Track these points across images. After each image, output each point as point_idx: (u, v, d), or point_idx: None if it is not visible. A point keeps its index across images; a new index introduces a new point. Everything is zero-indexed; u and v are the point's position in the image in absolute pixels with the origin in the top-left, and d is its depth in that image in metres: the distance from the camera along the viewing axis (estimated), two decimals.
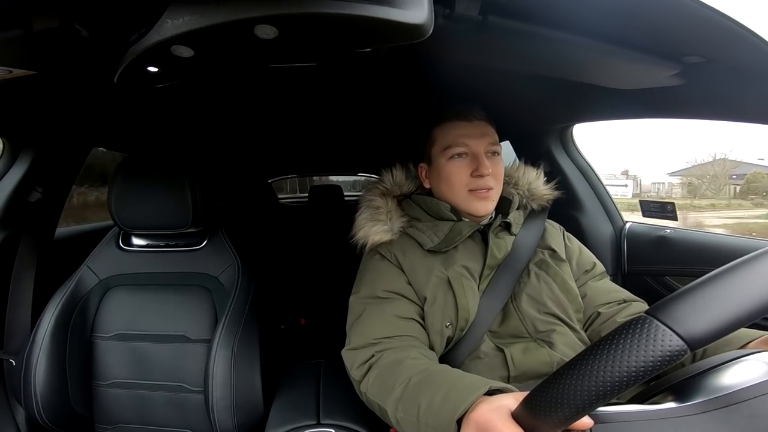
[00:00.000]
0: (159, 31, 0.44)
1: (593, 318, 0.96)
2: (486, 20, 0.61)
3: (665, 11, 0.57)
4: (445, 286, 0.89)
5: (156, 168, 1.14)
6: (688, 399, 0.51)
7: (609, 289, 0.99)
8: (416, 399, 0.67)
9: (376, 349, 0.82)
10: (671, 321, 0.41)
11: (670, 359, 0.40)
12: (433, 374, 0.71)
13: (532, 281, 0.93)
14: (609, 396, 0.41)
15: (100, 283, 1.20)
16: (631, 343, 0.41)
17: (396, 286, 0.91)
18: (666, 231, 1.41)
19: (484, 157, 0.94)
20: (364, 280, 0.96)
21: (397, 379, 0.73)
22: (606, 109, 1.20)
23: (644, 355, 0.40)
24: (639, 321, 0.42)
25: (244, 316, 1.11)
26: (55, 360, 1.09)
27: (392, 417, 0.71)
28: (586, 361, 0.43)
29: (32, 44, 0.61)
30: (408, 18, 0.44)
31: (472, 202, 0.94)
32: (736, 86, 0.79)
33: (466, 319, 0.87)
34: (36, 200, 1.29)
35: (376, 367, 0.79)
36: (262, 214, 2.67)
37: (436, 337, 0.87)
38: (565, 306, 0.92)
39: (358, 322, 0.89)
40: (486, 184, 0.93)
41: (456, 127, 0.96)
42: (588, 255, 1.05)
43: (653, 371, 0.40)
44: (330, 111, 1.53)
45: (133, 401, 1.16)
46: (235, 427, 1.04)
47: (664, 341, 0.40)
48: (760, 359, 0.53)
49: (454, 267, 0.92)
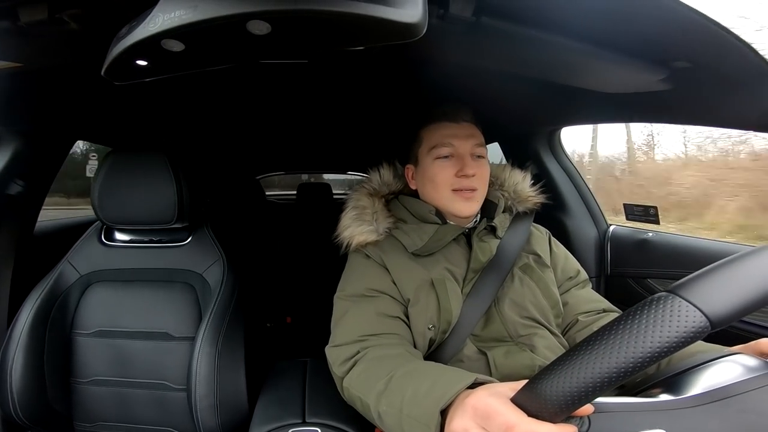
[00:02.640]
0: (149, 24, 0.44)
1: (571, 324, 0.97)
2: (479, 21, 0.62)
3: (654, 16, 0.58)
4: (428, 287, 0.90)
5: (141, 162, 1.12)
6: (681, 393, 0.52)
7: (590, 298, 1.00)
8: (400, 391, 0.66)
9: (361, 346, 0.82)
10: (693, 297, 0.40)
11: (693, 337, 0.39)
12: (418, 367, 0.70)
13: (515, 285, 0.94)
14: (629, 374, 0.40)
15: (81, 278, 1.18)
16: (654, 319, 0.40)
17: (381, 285, 0.91)
18: (648, 234, 1.44)
19: (470, 158, 0.94)
20: (349, 279, 0.96)
21: (381, 373, 0.72)
22: (594, 112, 1.21)
23: (668, 331, 0.39)
24: (660, 298, 0.41)
25: (229, 313, 1.10)
26: (32, 357, 1.06)
27: (374, 411, 0.70)
28: (602, 340, 0.42)
29: (19, 37, 0.60)
30: (402, 17, 0.44)
31: (455, 202, 0.94)
32: (722, 92, 0.81)
33: (448, 322, 0.87)
34: (16, 193, 1.26)
35: (361, 362, 0.79)
36: (248, 210, 2.64)
37: (419, 338, 0.88)
38: (546, 311, 0.93)
39: (343, 320, 0.89)
40: (470, 184, 0.93)
41: (443, 128, 0.96)
42: (573, 262, 1.05)
43: (675, 349, 0.39)
44: (320, 108, 1.52)
45: (113, 399, 1.14)
46: (218, 425, 1.03)
47: (688, 318, 0.39)
48: (742, 358, 0.54)
49: (437, 269, 0.92)
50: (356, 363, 0.80)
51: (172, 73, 0.55)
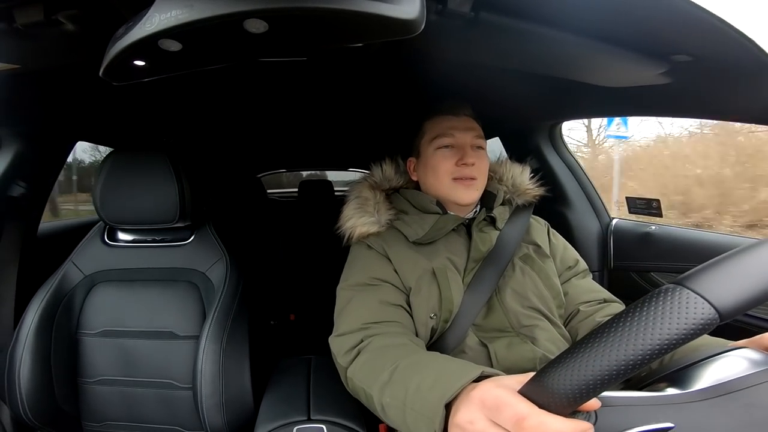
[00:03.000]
0: (146, 24, 0.44)
1: (573, 314, 0.98)
2: (478, 16, 0.61)
3: (654, 9, 0.58)
4: (430, 276, 0.91)
5: (142, 162, 1.12)
6: (687, 386, 0.52)
7: (591, 288, 1.01)
8: (404, 383, 0.66)
9: (365, 334, 0.82)
10: (702, 289, 0.39)
11: (702, 329, 0.38)
12: (423, 359, 0.70)
13: (516, 275, 0.95)
14: (638, 367, 0.39)
15: (86, 278, 1.18)
16: (663, 311, 0.39)
17: (383, 274, 0.93)
18: (651, 228, 1.43)
19: (469, 149, 0.98)
20: (352, 270, 0.97)
21: (386, 363, 0.72)
22: (594, 106, 1.21)
23: (677, 323, 0.38)
24: (668, 289, 0.41)
25: (233, 311, 1.10)
26: (39, 357, 1.07)
27: (377, 403, 0.70)
28: (611, 332, 0.41)
29: (15, 38, 0.60)
30: (400, 13, 0.44)
31: (455, 189, 0.97)
32: (723, 85, 0.80)
33: (450, 311, 0.88)
34: (19, 195, 1.26)
35: (365, 352, 0.79)
36: (250, 208, 2.64)
37: (421, 327, 0.89)
38: (548, 301, 0.94)
39: (346, 309, 0.90)
40: (470, 173, 0.96)
41: (445, 120, 1.00)
42: (572, 252, 1.07)
43: (683, 341, 0.38)
44: (320, 106, 1.52)
45: (120, 398, 1.14)
46: (224, 423, 1.03)
47: (697, 309, 0.38)
48: (749, 352, 0.54)
49: (439, 258, 0.94)
50: (360, 352, 0.80)
51: (170, 73, 0.55)
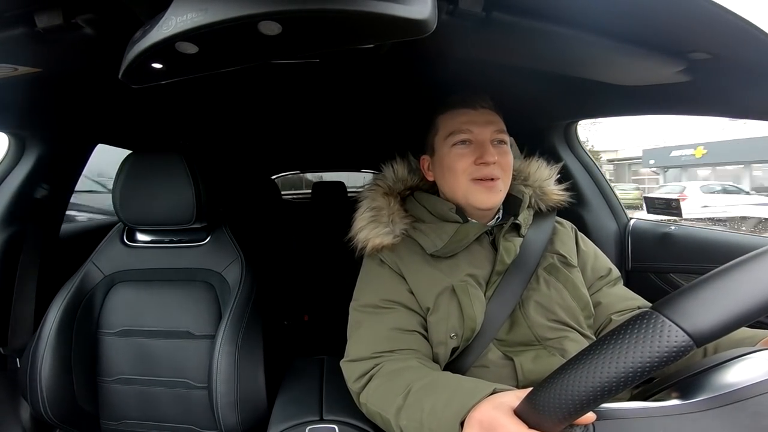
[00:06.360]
0: (163, 27, 0.44)
1: (605, 324, 0.92)
2: (490, 16, 0.61)
3: (671, 7, 0.57)
4: (449, 294, 0.84)
5: (160, 164, 1.14)
6: (692, 396, 0.51)
7: (624, 296, 0.95)
8: (419, 404, 0.66)
9: (375, 362, 0.80)
10: (676, 316, 0.40)
11: (676, 355, 0.39)
12: (435, 380, 0.70)
13: (541, 288, 0.88)
14: (614, 392, 0.41)
15: (105, 278, 1.21)
16: (636, 338, 0.41)
17: (396, 296, 0.87)
18: (671, 228, 1.40)
19: (489, 145, 0.88)
20: (364, 288, 0.93)
21: (399, 387, 0.71)
22: (610, 105, 1.19)
23: (649, 350, 0.40)
24: (644, 316, 0.42)
25: (248, 312, 1.11)
26: (60, 356, 1.09)
27: (395, 426, 0.70)
28: (590, 356, 0.43)
29: (36, 42, 0.61)
30: (411, 14, 0.44)
31: (475, 192, 0.88)
32: (742, 83, 0.78)
33: (472, 329, 0.82)
34: (41, 197, 1.30)
35: (377, 377, 0.77)
36: (265, 210, 2.67)
37: (440, 348, 0.84)
38: (575, 312, 0.87)
39: (357, 333, 0.87)
40: (491, 172, 0.87)
41: (461, 114, 0.90)
42: (603, 260, 0.99)
43: (658, 367, 0.40)
44: (333, 107, 1.53)
45: (137, 397, 1.16)
46: (238, 422, 1.04)
47: (670, 336, 0.39)
48: (763, 357, 0.52)
49: (458, 274, 0.86)
50: (371, 378, 0.78)
51: (187, 75, 0.56)
